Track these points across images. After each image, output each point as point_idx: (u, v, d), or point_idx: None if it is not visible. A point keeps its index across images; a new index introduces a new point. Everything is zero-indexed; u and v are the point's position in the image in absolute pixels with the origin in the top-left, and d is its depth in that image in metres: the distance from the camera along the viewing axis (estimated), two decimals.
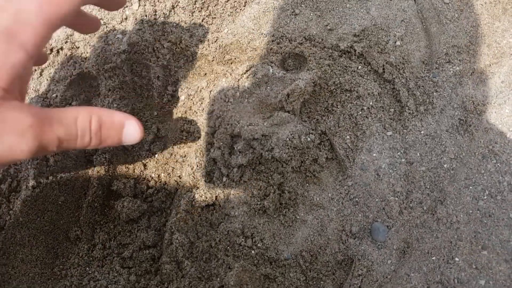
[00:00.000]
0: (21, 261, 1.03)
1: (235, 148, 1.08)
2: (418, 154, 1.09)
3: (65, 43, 1.19)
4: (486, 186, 1.04)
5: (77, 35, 1.20)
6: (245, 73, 1.15)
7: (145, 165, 1.19)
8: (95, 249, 1.09)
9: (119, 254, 1.08)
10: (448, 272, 0.97)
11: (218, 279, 0.97)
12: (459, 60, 1.18)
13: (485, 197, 1.03)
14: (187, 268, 0.98)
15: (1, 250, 1.01)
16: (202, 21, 1.27)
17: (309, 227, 1.05)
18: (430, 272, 0.97)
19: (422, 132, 1.11)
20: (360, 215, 1.05)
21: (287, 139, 1.05)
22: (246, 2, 1.29)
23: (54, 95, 1.16)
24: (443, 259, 0.98)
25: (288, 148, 1.05)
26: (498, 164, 1.06)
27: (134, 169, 1.18)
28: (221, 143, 1.09)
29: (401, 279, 0.97)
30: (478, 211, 1.02)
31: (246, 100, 1.12)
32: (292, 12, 1.28)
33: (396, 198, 1.05)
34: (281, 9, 1.28)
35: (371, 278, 0.97)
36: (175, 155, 1.19)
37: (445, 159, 1.08)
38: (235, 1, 1.29)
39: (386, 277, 0.98)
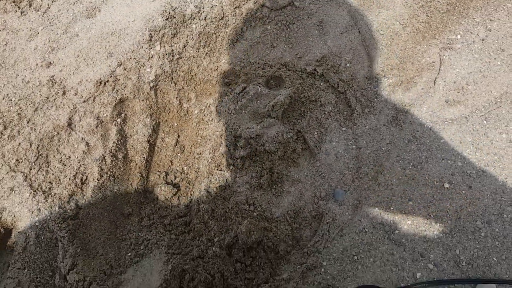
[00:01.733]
0: (94, 230, 1.48)
1: (238, 145, 1.54)
2: (364, 142, 1.56)
3: (110, 77, 1.65)
4: (410, 160, 1.51)
5: (118, 70, 1.67)
6: (241, 92, 1.62)
7: (171, 162, 1.65)
8: (143, 221, 1.54)
9: (161, 222, 1.53)
10: (386, 216, 1.43)
11: (233, 231, 1.43)
12: (392, 74, 1.65)
13: (410, 167, 1.50)
14: (212, 225, 1.45)
15: (81, 224, 1.46)
16: (206, 55, 1.74)
17: (292, 195, 1.51)
18: (374, 218, 1.43)
19: (367, 126, 1.58)
20: (326, 185, 1.51)
21: (274, 136, 1.51)
22: (237, 39, 1.76)
23: (104, 114, 1.62)
24: (382, 209, 1.45)
25: (275, 143, 1.51)
26: (419, 145, 1.53)
27: (164, 165, 1.64)
28: (228, 142, 1.56)
29: (355, 224, 1.44)
30: (405, 177, 1.49)
31: (243, 111, 1.59)
32: (271, 45, 1.75)
33: (350, 172, 1.52)
34: (263, 43, 1.75)
35: (335, 225, 1.44)
36: (193, 153, 1.65)
37: (383, 144, 1.55)
38: (229, 39, 1.75)
39: (345, 223, 1.44)
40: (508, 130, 1.49)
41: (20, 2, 1.84)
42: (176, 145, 1.66)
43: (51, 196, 1.48)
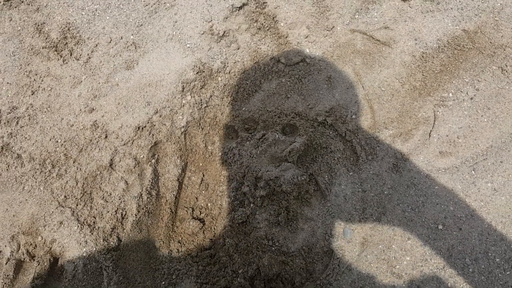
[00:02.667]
0: (132, 261, 1.68)
1: (258, 185, 1.76)
2: (369, 186, 1.79)
3: (147, 123, 1.87)
4: (409, 203, 1.74)
5: (155, 117, 1.88)
6: (261, 138, 1.85)
7: (197, 198, 1.86)
8: (172, 253, 1.74)
9: (188, 254, 1.74)
10: (388, 253, 1.66)
11: (255, 264, 1.64)
12: (392, 126, 1.89)
13: (409, 210, 1.73)
14: (236, 258, 1.65)
15: (122, 254, 1.67)
16: (229, 103, 1.97)
17: (305, 232, 1.73)
18: (379, 253, 1.66)
19: (371, 172, 1.82)
20: (335, 223, 1.73)
21: (290, 179, 1.73)
22: (255, 90, 1.99)
23: (141, 156, 1.83)
24: (385, 246, 1.67)
25: (291, 185, 1.73)
26: (416, 190, 1.76)
27: (190, 201, 1.85)
28: (249, 182, 1.78)
29: (361, 259, 1.66)
30: (405, 218, 1.72)
31: (263, 155, 1.81)
32: (286, 96, 1.98)
33: (357, 212, 1.75)
34: (278, 94, 1.99)
35: (344, 260, 1.66)
36: (216, 191, 1.86)
37: (385, 188, 1.78)
38: (249, 90, 1.99)
39: (353, 259, 1.66)
40: (493, 179, 1.73)
41: (62, 51, 2.06)
42: (201, 183, 1.88)
43: (96, 229, 1.69)
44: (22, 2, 2.17)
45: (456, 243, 1.65)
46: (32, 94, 1.97)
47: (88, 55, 2.04)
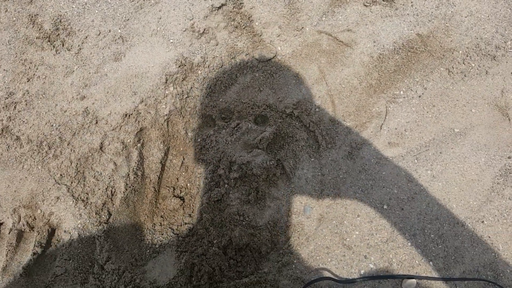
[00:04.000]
0: (121, 232, 1.93)
1: (232, 169, 2.02)
2: (327, 170, 2.06)
3: (134, 111, 2.10)
4: (360, 186, 2.02)
5: (140, 106, 2.11)
6: (235, 127, 2.09)
7: (177, 179, 2.10)
8: (155, 226, 1.99)
9: (170, 227, 1.99)
10: (341, 227, 1.95)
11: (228, 236, 1.90)
12: (349, 119, 2.14)
13: (359, 192, 2.01)
14: (211, 230, 1.92)
15: (112, 226, 1.91)
16: (208, 95, 2.20)
17: (272, 209, 2.00)
18: (333, 228, 1.94)
19: (329, 158, 2.08)
20: (297, 202, 2.00)
21: (260, 163, 1.99)
22: (232, 83, 2.22)
23: (128, 140, 2.06)
24: (339, 222, 1.96)
25: (261, 168, 1.99)
26: (366, 175, 2.04)
27: (171, 181, 2.09)
28: (224, 166, 2.03)
29: (318, 232, 1.94)
30: (356, 199, 1.99)
31: (237, 142, 2.06)
32: (258, 89, 2.22)
33: (316, 193, 2.02)
34: (252, 87, 2.22)
35: (304, 233, 1.94)
36: (195, 173, 2.11)
37: (340, 172, 2.05)
38: (226, 82, 2.21)
39: (311, 232, 1.94)
40: (432, 168, 2.02)
41: (54, 41, 2.25)
42: (181, 165, 2.12)
43: (89, 204, 1.93)
44: None
45: (398, 221, 1.94)
46: (27, 81, 2.17)
47: (79, 46, 2.24)
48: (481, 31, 2.26)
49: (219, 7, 2.30)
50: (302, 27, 2.30)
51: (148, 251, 1.91)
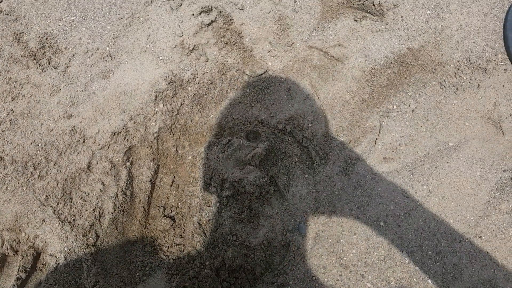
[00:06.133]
0: (109, 254, 1.86)
1: (224, 186, 1.97)
2: (322, 187, 2.02)
3: (122, 129, 2.04)
4: (356, 203, 1.98)
5: (129, 124, 2.05)
6: (227, 143, 2.05)
7: (168, 198, 2.04)
8: (146, 247, 1.92)
9: (160, 249, 1.92)
10: (337, 246, 1.90)
11: (220, 257, 1.84)
12: (343, 134, 2.12)
13: (355, 208, 1.97)
14: (203, 252, 1.85)
15: (100, 249, 1.84)
16: (198, 111, 2.16)
17: (265, 228, 1.95)
18: (329, 247, 1.89)
19: (324, 174, 2.05)
20: (292, 220, 1.96)
21: (253, 180, 1.94)
22: (222, 99, 2.19)
23: (117, 159, 2.00)
24: (335, 240, 1.91)
25: (253, 186, 1.94)
26: (362, 191, 2.00)
27: (162, 200, 2.03)
28: (216, 184, 1.98)
29: (314, 252, 1.89)
30: (352, 216, 1.95)
31: (229, 159, 2.01)
32: (250, 105, 2.19)
33: (311, 210, 1.97)
34: (243, 103, 2.19)
35: (299, 252, 1.88)
36: (186, 191, 2.05)
37: (335, 189, 2.01)
38: (217, 99, 2.18)
39: (307, 251, 1.88)
40: (428, 183, 1.99)
41: (40, 59, 2.20)
42: (172, 184, 2.06)
43: (76, 226, 1.85)
44: (1, 12, 2.29)
45: (395, 238, 1.90)
46: (12, 100, 2.11)
47: (66, 64, 2.19)
48: (471, 45, 2.26)
49: (209, 24, 2.27)
50: (293, 43, 2.28)
51: (137, 274, 1.84)
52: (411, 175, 2.01)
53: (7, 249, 1.84)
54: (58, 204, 1.90)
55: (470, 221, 1.92)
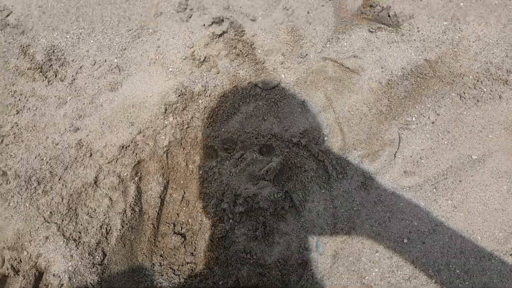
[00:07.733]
0: (117, 274, 1.75)
1: (237, 202, 1.87)
2: (339, 202, 1.93)
3: (131, 142, 1.96)
4: (376, 219, 1.88)
5: (138, 137, 1.97)
6: (240, 158, 1.96)
7: (178, 214, 1.95)
8: (154, 267, 1.82)
9: (170, 268, 1.82)
10: (358, 264, 1.78)
11: (234, 276, 1.73)
12: (361, 148, 2.04)
13: (376, 225, 1.87)
14: (216, 270, 1.75)
15: (107, 268, 1.73)
16: (209, 124, 2.07)
17: (281, 246, 1.84)
18: (350, 265, 1.78)
19: (341, 189, 1.95)
20: (309, 237, 1.85)
21: (267, 196, 1.85)
22: (234, 112, 2.11)
23: (125, 174, 1.91)
24: (356, 258, 1.80)
25: (268, 201, 1.84)
26: (383, 207, 1.91)
27: (171, 217, 1.94)
28: (228, 199, 1.88)
29: (333, 270, 1.78)
30: (373, 232, 1.85)
31: (242, 174, 1.92)
32: (262, 118, 2.11)
33: (328, 227, 1.87)
34: (255, 116, 2.11)
35: (317, 271, 1.77)
36: (196, 207, 1.95)
37: (354, 204, 1.91)
38: (228, 112, 2.10)
39: (325, 270, 1.77)
40: (452, 197, 1.89)
41: (47, 72, 2.13)
42: (182, 200, 1.97)
43: (81, 244, 1.75)
44: (8, 25, 2.24)
45: (420, 256, 1.79)
46: (17, 113, 2.04)
47: (72, 76, 2.12)
48: (490, 56, 2.18)
49: (220, 35, 2.21)
50: (306, 54, 2.21)
51: None
52: (434, 189, 1.91)
53: (8, 269, 1.74)
54: (63, 220, 1.80)
55: (499, 237, 1.81)
